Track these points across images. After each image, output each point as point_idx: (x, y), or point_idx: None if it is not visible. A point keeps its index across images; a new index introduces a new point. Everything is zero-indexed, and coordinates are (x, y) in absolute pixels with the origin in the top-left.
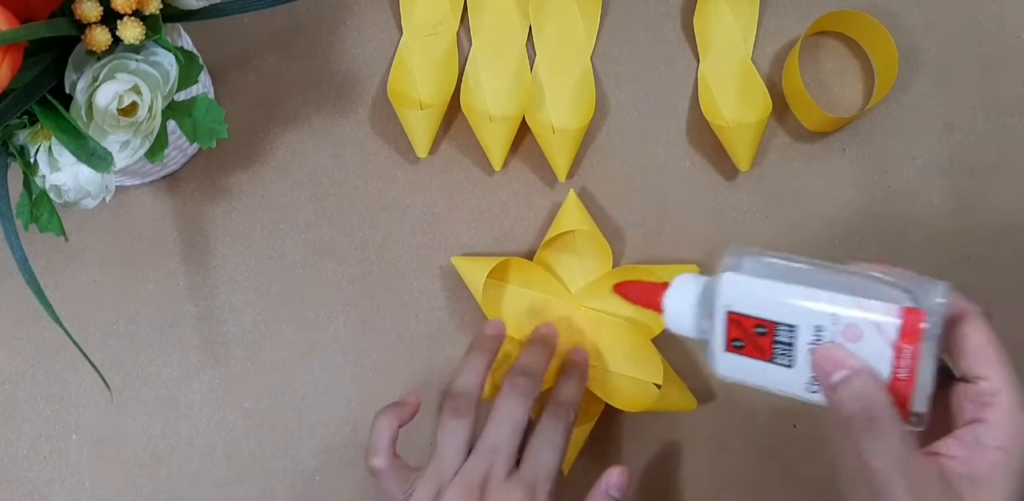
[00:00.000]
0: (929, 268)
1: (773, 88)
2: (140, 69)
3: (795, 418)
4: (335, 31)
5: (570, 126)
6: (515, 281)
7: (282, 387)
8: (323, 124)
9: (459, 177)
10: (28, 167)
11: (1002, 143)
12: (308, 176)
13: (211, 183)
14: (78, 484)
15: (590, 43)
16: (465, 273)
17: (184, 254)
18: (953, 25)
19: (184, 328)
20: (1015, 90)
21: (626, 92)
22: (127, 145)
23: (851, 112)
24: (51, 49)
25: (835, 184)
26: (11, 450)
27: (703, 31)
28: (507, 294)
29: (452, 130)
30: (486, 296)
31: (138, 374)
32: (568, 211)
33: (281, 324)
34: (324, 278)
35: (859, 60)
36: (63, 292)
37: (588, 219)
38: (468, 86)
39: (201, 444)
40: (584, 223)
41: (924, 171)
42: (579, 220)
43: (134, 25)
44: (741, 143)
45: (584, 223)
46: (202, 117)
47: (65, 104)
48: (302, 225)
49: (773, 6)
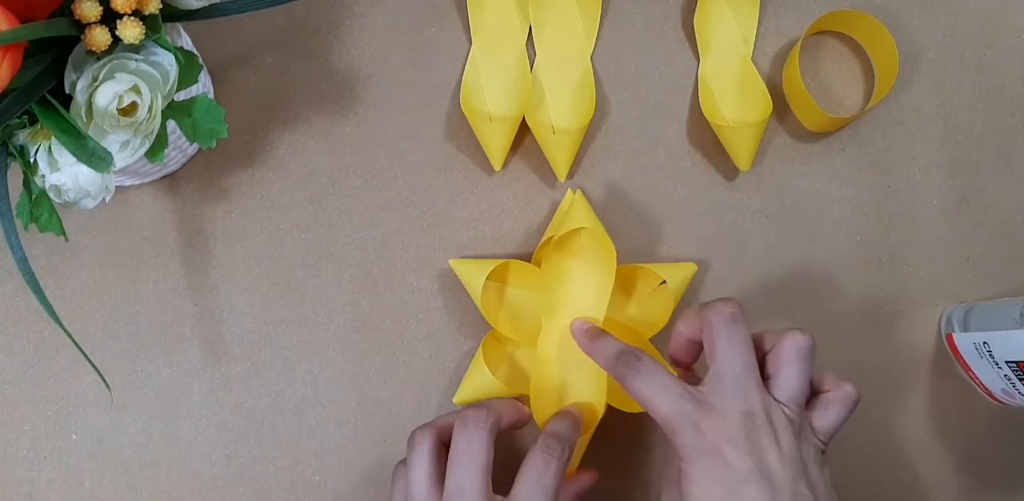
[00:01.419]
0: (929, 268)
1: (773, 88)
2: (140, 69)
3: None
4: (335, 31)
5: (570, 126)
6: (514, 283)
7: (282, 387)
8: (323, 124)
9: (459, 177)
10: (28, 167)
11: (1002, 143)
12: (308, 176)
13: (211, 183)
14: (78, 484)
15: (590, 43)
16: (463, 276)
17: (184, 254)
18: (953, 25)
19: (184, 328)
20: (1015, 90)
21: (626, 92)
22: (127, 145)
23: (851, 112)
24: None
25: (835, 184)
26: (11, 450)
27: (703, 31)
28: (506, 296)
29: (452, 130)
30: (485, 299)
31: (138, 374)
32: (576, 210)
33: (281, 324)
34: (324, 278)
35: (859, 60)
36: (63, 292)
37: (594, 218)
38: (468, 86)
39: (201, 444)
40: (591, 222)
41: (924, 171)
42: (586, 219)
43: (134, 25)
44: (741, 143)
45: (591, 222)
46: (202, 117)
47: (65, 104)
48: (302, 225)
49: (773, 6)
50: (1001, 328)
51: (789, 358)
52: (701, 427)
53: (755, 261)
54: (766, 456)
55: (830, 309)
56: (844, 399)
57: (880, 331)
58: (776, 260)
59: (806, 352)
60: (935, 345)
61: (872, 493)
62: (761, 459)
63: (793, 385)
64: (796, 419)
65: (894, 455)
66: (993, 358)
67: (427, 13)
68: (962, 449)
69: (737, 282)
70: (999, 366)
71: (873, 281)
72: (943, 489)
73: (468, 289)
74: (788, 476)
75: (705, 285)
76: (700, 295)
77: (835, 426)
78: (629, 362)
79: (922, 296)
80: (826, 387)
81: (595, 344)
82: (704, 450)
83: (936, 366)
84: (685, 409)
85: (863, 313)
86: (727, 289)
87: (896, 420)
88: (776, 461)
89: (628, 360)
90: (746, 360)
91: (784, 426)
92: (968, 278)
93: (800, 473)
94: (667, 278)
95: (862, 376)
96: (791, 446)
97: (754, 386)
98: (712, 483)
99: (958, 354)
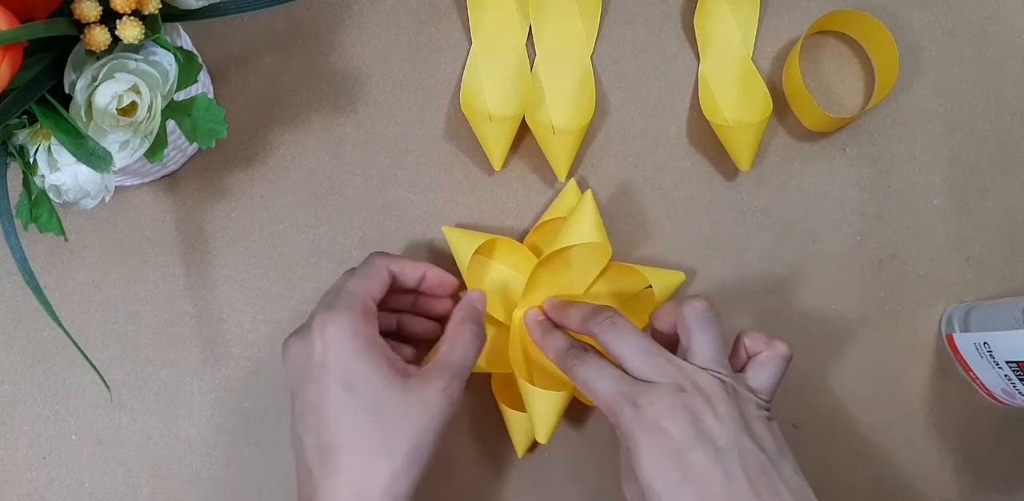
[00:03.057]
0: (929, 268)
1: (773, 88)
2: (139, 69)
3: (795, 418)
4: (335, 31)
5: (570, 126)
6: (501, 260)
7: (282, 387)
8: (323, 124)
9: (459, 177)
10: (27, 167)
11: (1002, 143)
12: (308, 176)
13: (211, 183)
14: (78, 484)
15: (590, 43)
16: (454, 244)
17: (184, 254)
18: (953, 25)
19: (184, 328)
20: (1015, 90)
21: (626, 92)
22: (126, 145)
23: (851, 112)
24: (51, 49)
25: (835, 184)
26: (11, 450)
27: (703, 31)
28: (491, 271)
29: (452, 130)
30: (470, 271)
31: (138, 374)
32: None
33: (281, 324)
34: (324, 278)
35: (859, 60)
36: (63, 292)
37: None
38: (468, 86)
39: (201, 445)
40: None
41: (924, 171)
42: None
43: (133, 25)
44: (741, 143)
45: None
46: (201, 117)
47: (64, 104)
48: (302, 225)
49: (773, 6)
50: (1001, 328)
51: (693, 326)
52: (639, 404)
53: (755, 261)
54: (704, 421)
55: (830, 309)
56: (776, 357)
57: (880, 331)
58: (776, 260)
59: (706, 316)
60: (935, 345)
61: (873, 493)
62: (699, 424)
63: (706, 349)
64: (726, 380)
65: (894, 455)
66: (993, 358)
67: (427, 13)
68: (962, 449)
69: (737, 282)
70: (999, 366)
71: (873, 281)
72: (943, 489)
73: (456, 258)
74: (730, 435)
75: (705, 285)
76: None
77: (772, 384)
78: (577, 355)
79: (922, 296)
80: (759, 348)
81: (546, 338)
82: (644, 427)
83: (936, 366)
84: (623, 389)
85: (863, 313)
86: (726, 289)
87: (896, 420)
88: (715, 423)
89: (576, 353)
90: (643, 344)
91: (713, 389)
92: (968, 278)
93: (742, 430)
94: (654, 283)
95: (862, 376)
96: (726, 406)
97: (668, 361)
98: (659, 457)
99: (958, 354)
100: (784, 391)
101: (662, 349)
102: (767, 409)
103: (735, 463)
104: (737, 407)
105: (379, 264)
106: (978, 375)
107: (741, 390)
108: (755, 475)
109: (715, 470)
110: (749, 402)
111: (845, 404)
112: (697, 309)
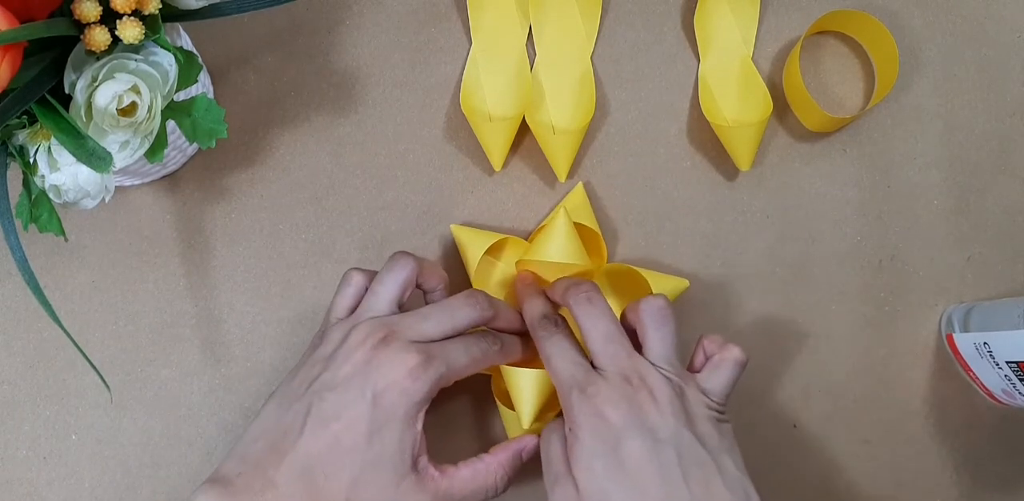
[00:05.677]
0: (929, 268)
1: (773, 88)
2: (139, 69)
3: (795, 418)
4: (335, 31)
5: (570, 126)
6: (508, 260)
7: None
8: (323, 124)
9: (459, 177)
10: (27, 167)
11: (1002, 143)
12: (308, 176)
13: (211, 183)
14: (78, 484)
15: (590, 43)
16: (463, 243)
17: (184, 254)
18: (953, 25)
19: (184, 328)
20: (1015, 90)
21: (626, 92)
22: (126, 145)
23: (851, 112)
24: (51, 49)
25: (835, 184)
26: (11, 450)
27: (703, 31)
28: (497, 272)
29: (452, 130)
30: (478, 270)
31: (138, 374)
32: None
33: (281, 324)
34: (324, 278)
35: (859, 60)
36: (63, 292)
37: (591, 216)
38: (468, 86)
39: (201, 445)
40: (587, 219)
41: (924, 171)
42: (583, 216)
43: (133, 25)
44: (741, 143)
45: (587, 219)
46: (201, 117)
47: (64, 104)
48: (302, 225)
49: (774, 6)
50: (1001, 328)
51: (649, 323)
52: (587, 391)
53: (755, 261)
54: (646, 413)
55: (830, 309)
56: (730, 361)
57: (880, 331)
58: (776, 260)
59: (662, 313)
60: (935, 345)
61: (873, 493)
62: (640, 415)
63: (658, 346)
64: (674, 379)
65: (894, 455)
66: (993, 358)
67: (427, 13)
68: (962, 449)
69: (737, 282)
70: (999, 366)
71: (873, 281)
72: (943, 489)
73: (464, 257)
74: (670, 429)
75: (705, 285)
76: (700, 295)
77: (723, 386)
78: (547, 326)
79: (922, 296)
80: (714, 351)
81: (527, 302)
82: (588, 413)
83: (936, 366)
84: (577, 374)
85: (863, 313)
86: (727, 290)
87: (896, 420)
88: (656, 416)
89: (547, 325)
90: (608, 329)
91: (659, 384)
92: (968, 278)
93: (684, 425)
94: (657, 289)
95: (862, 376)
96: (669, 401)
97: (624, 352)
98: (596, 441)
99: (958, 354)
100: (784, 391)
101: (625, 338)
102: (719, 410)
103: (671, 454)
104: (682, 405)
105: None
106: (978, 375)
107: (689, 390)
108: (691, 467)
109: (650, 460)
110: (697, 401)
111: (845, 404)
112: (653, 306)
